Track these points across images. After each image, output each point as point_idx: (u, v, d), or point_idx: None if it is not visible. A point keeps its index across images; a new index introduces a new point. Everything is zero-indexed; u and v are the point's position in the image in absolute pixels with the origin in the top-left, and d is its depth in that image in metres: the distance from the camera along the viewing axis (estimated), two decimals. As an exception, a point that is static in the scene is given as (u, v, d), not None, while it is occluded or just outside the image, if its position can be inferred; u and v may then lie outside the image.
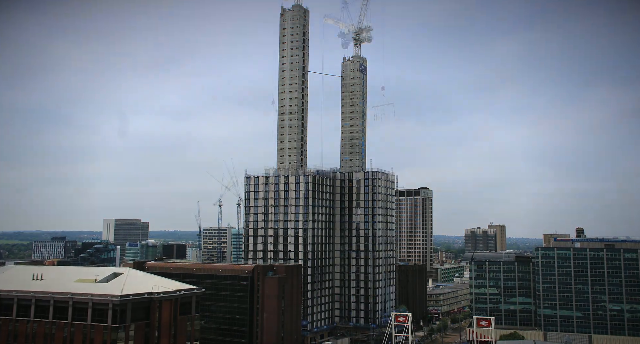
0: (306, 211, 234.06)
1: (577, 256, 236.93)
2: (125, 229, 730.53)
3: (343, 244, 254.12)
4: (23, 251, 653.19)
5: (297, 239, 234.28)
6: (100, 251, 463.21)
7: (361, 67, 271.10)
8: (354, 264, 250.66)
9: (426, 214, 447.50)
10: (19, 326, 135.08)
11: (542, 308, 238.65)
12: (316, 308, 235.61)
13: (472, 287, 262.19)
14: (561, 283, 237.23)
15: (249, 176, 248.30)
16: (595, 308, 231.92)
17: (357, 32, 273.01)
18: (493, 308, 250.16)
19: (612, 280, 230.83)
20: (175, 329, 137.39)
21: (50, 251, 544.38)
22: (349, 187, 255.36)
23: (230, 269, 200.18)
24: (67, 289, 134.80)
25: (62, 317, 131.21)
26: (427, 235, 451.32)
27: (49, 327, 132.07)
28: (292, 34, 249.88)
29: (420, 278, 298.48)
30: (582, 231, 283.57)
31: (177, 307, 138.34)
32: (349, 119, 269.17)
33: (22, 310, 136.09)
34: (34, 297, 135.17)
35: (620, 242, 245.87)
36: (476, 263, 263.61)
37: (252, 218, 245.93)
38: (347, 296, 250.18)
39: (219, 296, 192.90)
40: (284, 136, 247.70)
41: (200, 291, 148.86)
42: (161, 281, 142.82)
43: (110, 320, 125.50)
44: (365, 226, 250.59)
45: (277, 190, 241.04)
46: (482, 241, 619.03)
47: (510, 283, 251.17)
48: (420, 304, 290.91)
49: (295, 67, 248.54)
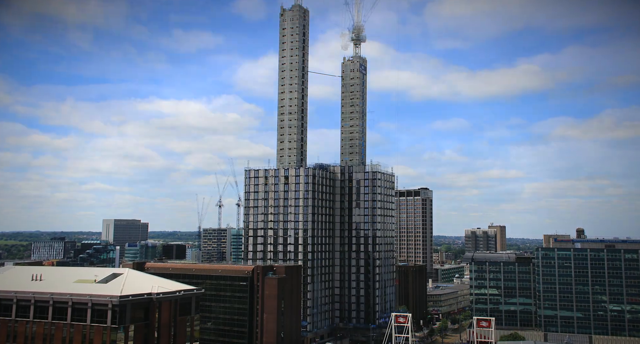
0: (306, 205, 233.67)
1: (577, 256, 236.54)
2: (125, 229, 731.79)
3: (343, 245, 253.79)
4: (22, 251, 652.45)
5: (297, 240, 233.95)
6: (99, 251, 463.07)
7: (361, 67, 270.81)
8: (354, 264, 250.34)
9: (426, 214, 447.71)
10: (18, 326, 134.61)
11: (543, 309, 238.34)
12: (316, 308, 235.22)
13: (472, 288, 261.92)
14: (562, 283, 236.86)
15: (248, 168, 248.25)
16: (595, 308, 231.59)
17: (357, 33, 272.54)
18: (493, 309, 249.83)
19: (612, 281, 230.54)
20: (174, 330, 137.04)
21: (50, 251, 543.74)
22: (349, 188, 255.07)
23: (230, 270, 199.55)
24: (66, 289, 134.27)
25: (62, 317, 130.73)
26: (427, 235, 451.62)
27: (48, 327, 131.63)
28: (292, 34, 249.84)
29: (420, 279, 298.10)
30: (582, 231, 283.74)
31: (176, 308, 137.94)
32: (349, 119, 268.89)
33: (21, 311, 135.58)
34: (33, 297, 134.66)
35: (621, 242, 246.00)
36: (476, 263, 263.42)
37: (251, 218, 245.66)
38: (347, 297, 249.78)
39: (219, 297, 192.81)
40: (284, 136, 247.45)
41: (199, 291, 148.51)
42: (161, 282, 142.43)
43: (109, 321, 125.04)
44: (365, 226, 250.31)
45: (276, 183, 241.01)
46: (483, 242, 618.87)
47: (510, 284, 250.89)
48: (420, 305, 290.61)
49: (295, 67, 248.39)
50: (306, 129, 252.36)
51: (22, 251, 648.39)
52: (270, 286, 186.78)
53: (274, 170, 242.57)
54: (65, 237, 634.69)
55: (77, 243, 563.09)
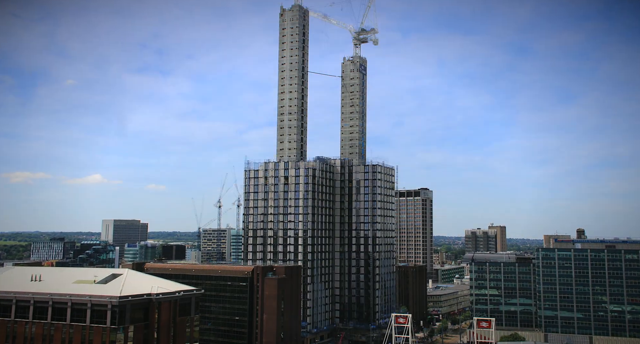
0: (306, 205, 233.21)
1: (578, 257, 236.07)
2: (124, 230, 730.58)
3: (343, 245, 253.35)
4: (21, 252, 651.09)
5: (297, 240, 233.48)
6: (99, 252, 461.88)
7: (361, 67, 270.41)
8: (354, 264, 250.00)
9: (426, 215, 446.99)
10: (18, 327, 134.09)
11: (543, 309, 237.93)
12: (316, 308, 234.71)
13: (472, 288, 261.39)
14: (562, 284, 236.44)
15: (248, 169, 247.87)
16: (596, 309, 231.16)
17: (357, 33, 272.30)
18: (494, 309, 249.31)
19: (613, 281, 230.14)
20: (174, 331, 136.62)
21: (49, 252, 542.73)
22: (348, 188, 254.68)
23: (230, 270, 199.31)
24: (65, 290, 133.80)
25: (61, 318, 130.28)
26: (427, 236, 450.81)
27: (47, 328, 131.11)
28: (292, 34, 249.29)
29: (420, 279, 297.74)
30: (582, 231, 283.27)
31: (176, 308, 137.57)
32: (348, 120, 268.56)
33: (20, 311, 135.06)
34: (32, 298, 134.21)
35: (622, 243, 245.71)
36: (477, 263, 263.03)
37: (251, 219, 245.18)
38: (347, 297, 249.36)
39: (219, 297, 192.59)
40: (284, 137, 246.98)
41: (199, 292, 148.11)
42: (160, 282, 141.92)
43: (109, 321, 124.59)
44: (365, 227, 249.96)
45: (276, 183, 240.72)
46: (483, 242, 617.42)
47: (510, 284, 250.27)
48: (420, 305, 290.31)
49: (294, 68, 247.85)
50: (306, 129, 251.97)
51: (22, 252, 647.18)
52: (270, 286, 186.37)
53: (273, 163, 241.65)
54: (64, 238, 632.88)
55: (76, 244, 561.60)
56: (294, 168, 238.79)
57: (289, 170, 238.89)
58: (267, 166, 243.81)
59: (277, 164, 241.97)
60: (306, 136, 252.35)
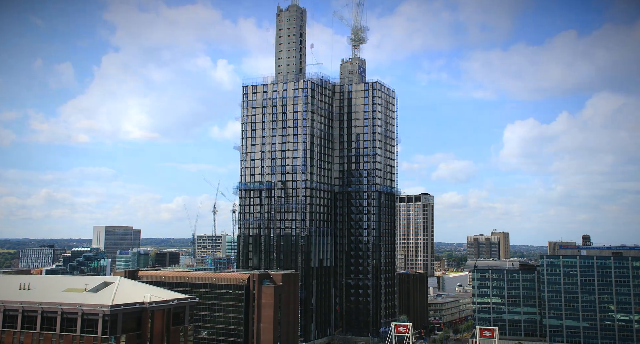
0: (305, 211, 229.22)
1: (583, 264, 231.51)
2: (116, 236, 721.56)
3: (342, 252, 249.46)
4: (9, 259, 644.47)
5: (296, 247, 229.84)
6: (90, 259, 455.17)
7: (360, 69, 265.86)
8: (353, 271, 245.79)
9: (427, 220, 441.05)
10: (6, 337, 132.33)
11: (548, 318, 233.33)
12: (314, 317, 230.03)
13: (475, 296, 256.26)
14: (567, 292, 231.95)
15: (242, 188, 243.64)
16: (602, 318, 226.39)
17: (355, 34, 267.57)
18: (496, 318, 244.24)
19: (620, 289, 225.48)
20: (168, 340, 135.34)
21: (38, 259, 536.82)
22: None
23: (225, 278, 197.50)
24: (55, 299, 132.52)
25: (51, 328, 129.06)
26: (428, 242, 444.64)
27: (36, 338, 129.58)
28: (289, 35, 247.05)
29: (421, 287, 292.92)
30: (588, 238, 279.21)
31: (169, 317, 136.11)
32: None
33: (8, 321, 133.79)
34: (21, 307, 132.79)
35: (629, 250, 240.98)
36: (479, 271, 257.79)
37: (247, 225, 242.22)
38: (346, 306, 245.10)
39: (213, 306, 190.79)
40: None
41: (193, 300, 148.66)
42: (153, 291, 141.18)
43: (100, 331, 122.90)
44: (366, 233, 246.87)
45: (271, 195, 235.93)
46: (485, 249, 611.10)
47: (514, 292, 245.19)
48: (421, 314, 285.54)
49: (291, 69, 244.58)
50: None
51: (10, 259, 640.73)
52: (267, 294, 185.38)
53: (269, 181, 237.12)
54: (54, 245, 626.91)
55: (66, 251, 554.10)
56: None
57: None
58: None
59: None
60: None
